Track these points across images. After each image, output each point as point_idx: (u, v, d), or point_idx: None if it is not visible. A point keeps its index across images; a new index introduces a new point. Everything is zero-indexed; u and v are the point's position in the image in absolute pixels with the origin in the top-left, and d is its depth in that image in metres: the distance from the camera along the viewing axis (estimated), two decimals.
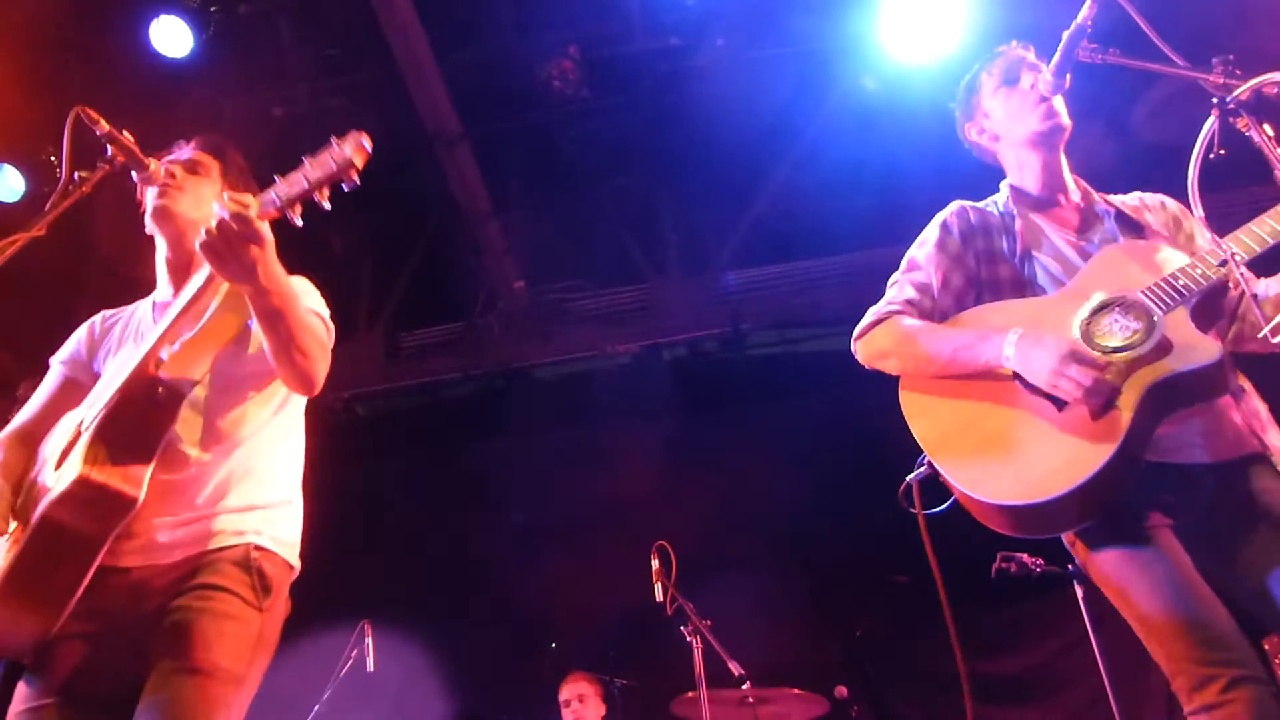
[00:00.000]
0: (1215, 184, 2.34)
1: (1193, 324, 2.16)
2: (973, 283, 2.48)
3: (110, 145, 2.23)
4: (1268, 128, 1.88)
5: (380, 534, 6.74)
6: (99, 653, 2.12)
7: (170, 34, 5.14)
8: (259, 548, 2.24)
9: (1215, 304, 2.28)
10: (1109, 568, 2.16)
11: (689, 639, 4.61)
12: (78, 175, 2.23)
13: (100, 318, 2.59)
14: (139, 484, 2.11)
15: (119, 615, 2.12)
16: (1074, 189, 2.57)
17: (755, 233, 6.43)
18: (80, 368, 2.50)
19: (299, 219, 2.00)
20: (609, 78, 5.80)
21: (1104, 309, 2.25)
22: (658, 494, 6.07)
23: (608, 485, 6.23)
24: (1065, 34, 2.21)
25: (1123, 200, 2.57)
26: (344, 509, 6.31)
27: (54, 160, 5.34)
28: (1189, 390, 2.16)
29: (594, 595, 5.90)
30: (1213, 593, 2.05)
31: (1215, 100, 1.90)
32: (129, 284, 2.63)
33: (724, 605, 4.84)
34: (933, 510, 2.36)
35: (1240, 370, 2.33)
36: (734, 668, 4.56)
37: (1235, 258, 2.09)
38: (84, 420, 2.22)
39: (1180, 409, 2.17)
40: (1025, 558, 3.81)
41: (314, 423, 2.55)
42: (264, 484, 2.33)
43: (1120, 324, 2.21)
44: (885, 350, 2.45)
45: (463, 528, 6.71)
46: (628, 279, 6.71)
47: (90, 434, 2.12)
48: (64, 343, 2.58)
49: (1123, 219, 2.48)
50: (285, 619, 2.31)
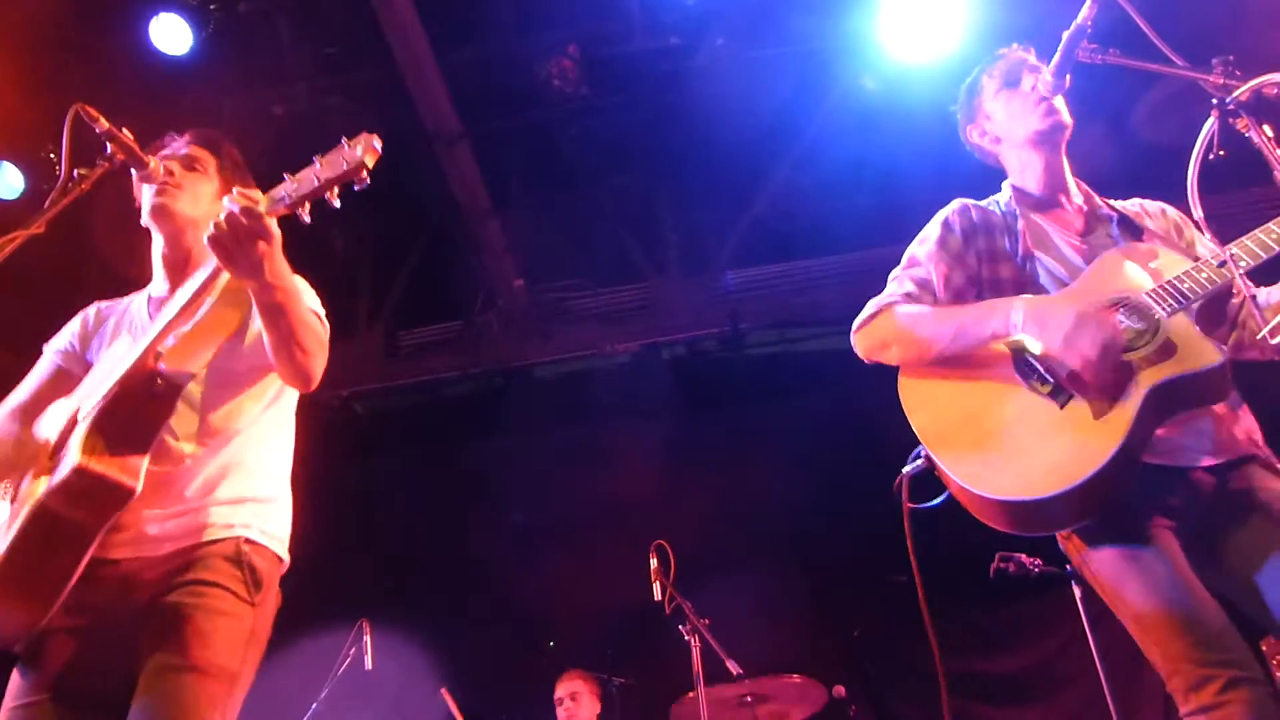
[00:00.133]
0: (1215, 185, 2.35)
1: (1196, 327, 2.17)
2: (973, 281, 2.47)
3: (110, 143, 2.23)
4: (1267, 129, 1.88)
5: (378, 532, 6.74)
6: (90, 648, 2.12)
7: (170, 32, 5.14)
8: (249, 541, 2.24)
9: (1218, 310, 2.29)
10: (1106, 567, 2.15)
11: (687, 638, 4.61)
12: (77, 173, 2.22)
13: (95, 308, 2.59)
14: (136, 474, 2.11)
15: (109, 608, 2.12)
16: (1076, 191, 2.57)
17: (755, 232, 6.43)
18: (73, 358, 2.49)
19: (308, 217, 1.99)
20: (609, 77, 5.79)
21: (1109, 308, 2.25)
22: (657, 493, 6.07)
23: (607, 484, 6.23)
24: (1065, 34, 2.20)
25: (1123, 206, 2.57)
26: (342, 507, 6.32)
27: (53, 158, 5.32)
28: (1191, 393, 2.16)
29: (592, 594, 5.89)
30: (1210, 594, 2.06)
31: (1215, 101, 1.90)
32: (127, 282, 2.62)
33: (722, 604, 4.84)
34: (925, 505, 2.35)
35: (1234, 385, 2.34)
36: (732, 667, 4.56)
37: (1234, 258, 2.10)
38: (80, 409, 2.21)
39: (1180, 412, 2.18)
40: (1024, 558, 3.81)
41: (313, 421, 2.55)
42: (254, 478, 2.33)
43: (1125, 324, 2.22)
44: (885, 340, 2.43)
45: (461, 526, 6.70)
46: (627, 278, 6.70)
47: (88, 424, 2.11)
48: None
49: (1125, 223, 2.48)
50: (276, 613, 2.31)
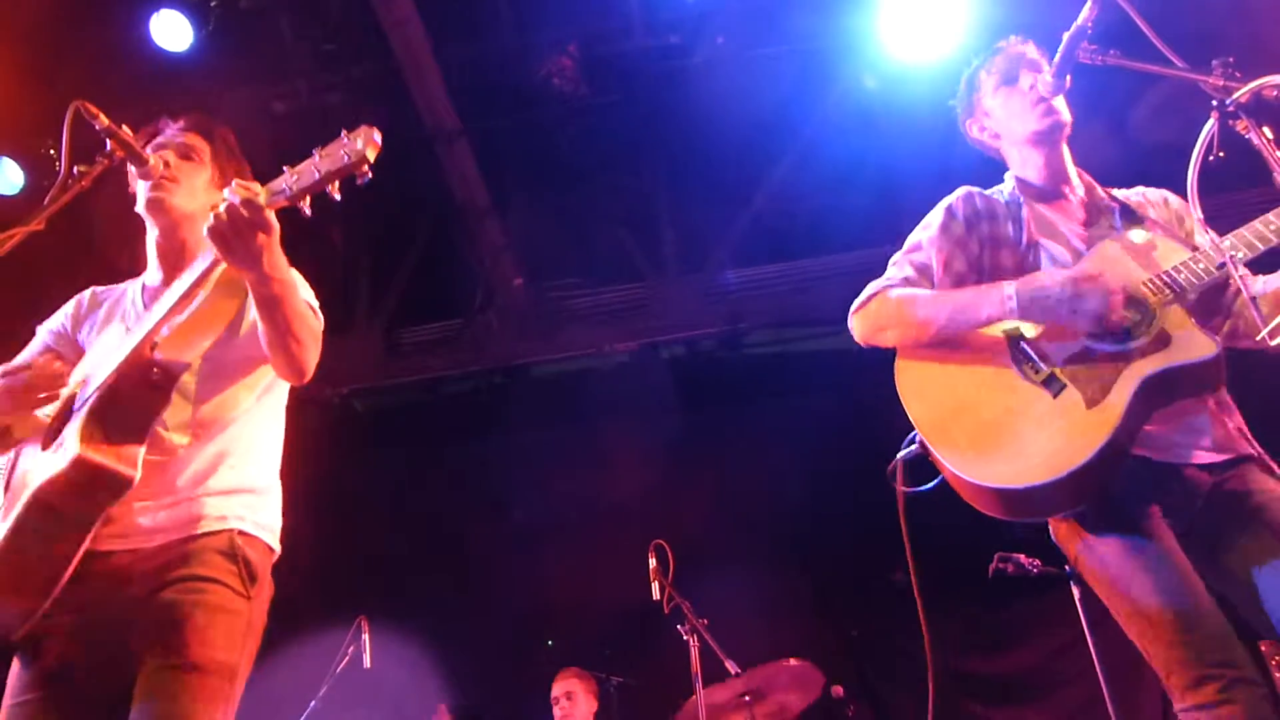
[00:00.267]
0: (1215, 186, 2.35)
1: (1191, 318, 2.17)
2: (974, 267, 2.48)
3: (109, 140, 2.23)
4: (1267, 130, 1.88)
5: (377, 530, 6.74)
6: (85, 644, 2.11)
7: (170, 28, 5.14)
8: (242, 533, 2.24)
9: (1214, 300, 2.29)
10: (1105, 564, 2.16)
11: (686, 637, 4.61)
12: (77, 170, 2.22)
13: (90, 293, 2.59)
14: (134, 463, 2.11)
15: (103, 602, 2.11)
16: (1078, 183, 2.57)
17: (754, 231, 6.42)
18: (64, 339, 2.49)
19: (309, 210, 1.98)
20: (608, 75, 5.79)
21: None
22: (655, 492, 6.07)
23: (605, 483, 6.23)
24: (1065, 35, 2.21)
25: (1126, 195, 2.57)
26: (341, 505, 6.32)
27: (53, 154, 5.33)
28: (1183, 384, 2.17)
29: (591, 593, 5.89)
30: (1209, 594, 2.06)
31: (1215, 103, 1.90)
32: (127, 279, 2.61)
33: (721, 604, 4.84)
34: (919, 489, 2.36)
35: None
36: (730, 666, 4.56)
37: (1234, 258, 2.09)
38: (76, 396, 2.21)
39: (1173, 402, 2.19)
40: (1023, 558, 3.81)
41: (312, 419, 2.55)
42: (247, 468, 2.33)
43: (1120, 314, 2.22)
44: (882, 323, 2.45)
45: (460, 525, 6.71)
46: (626, 277, 6.69)
47: (85, 413, 2.11)
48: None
49: (1127, 213, 2.48)
50: (271, 605, 2.30)
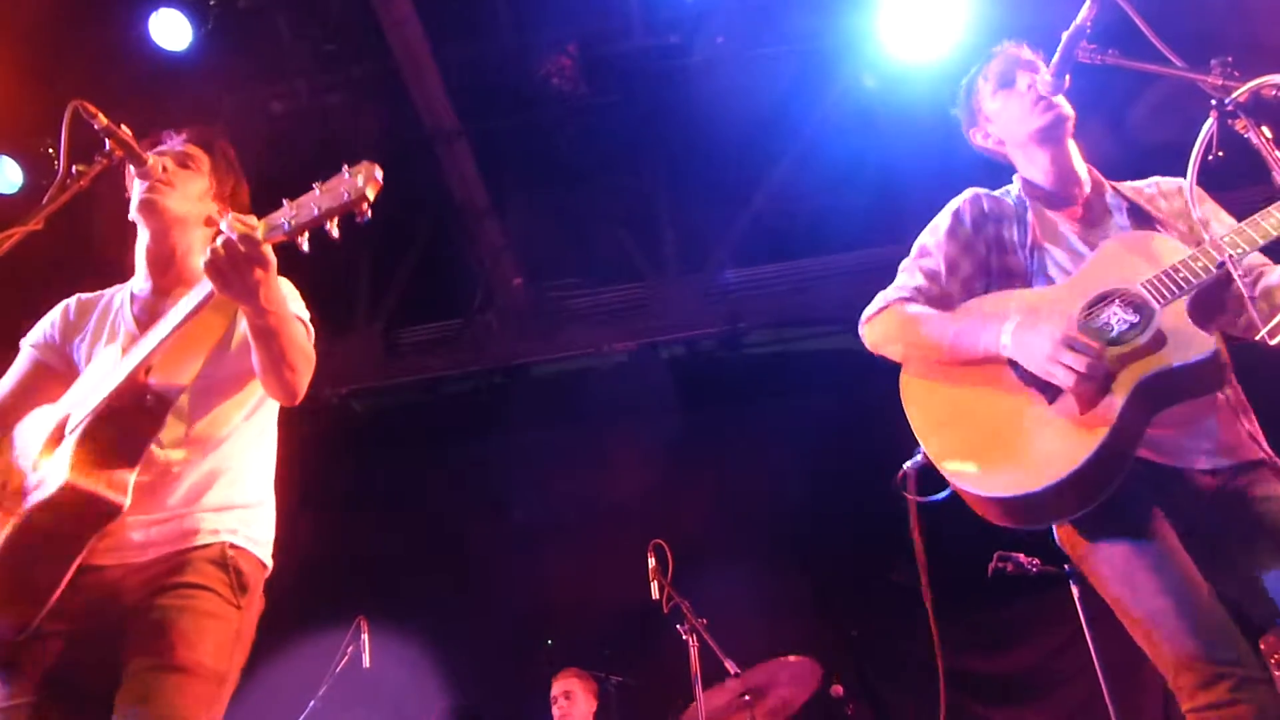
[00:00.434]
0: (1214, 185, 2.34)
1: (1189, 317, 2.15)
2: (983, 270, 2.49)
3: (108, 139, 2.22)
4: (1266, 130, 1.87)
5: (376, 530, 6.73)
6: (75, 651, 2.11)
7: (169, 27, 5.14)
8: (234, 546, 2.24)
9: (1217, 297, 2.25)
10: (1109, 566, 2.16)
11: (685, 637, 4.60)
12: (75, 169, 2.21)
13: (76, 300, 2.56)
14: (124, 490, 2.11)
15: (94, 613, 2.11)
16: (1086, 180, 2.54)
17: (753, 231, 6.42)
18: (51, 350, 2.47)
19: (306, 246, 1.94)
20: (607, 75, 5.79)
21: (1103, 301, 2.25)
22: (654, 492, 6.07)
23: (605, 483, 6.23)
24: (1065, 35, 2.20)
25: (1137, 188, 2.54)
26: (340, 505, 6.33)
27: (52, 153, 5.33)
28: (1182, 385, 2.16)
29: (591, 593, 5.89)
30: (1213, 593, 2.06)
31: (1214, 102, 1.89)
32: (124, 279, 2.60)
33: (720, 603, 4.83)
34: (929, 498, 2.37)
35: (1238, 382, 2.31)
36: (730, 666, 4.56)
37: (1233, 258, 2.09)
38: (69, 419, 2.20)
39: (1175, 403, 2.17)
40: (1022, 557, 3.81)
41: (312, 419, 2.55)
42: (240, 484, 2.33)
43: (1118, 316, 2.22)
44: (889, 336, 2.48)
45: (459, 525, 6.70)
46: (626, 277, 6.69)
47: (77, 438, 2.11)
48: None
49: (1135, 211, 2.46)
50: (261, 617, 2.31)
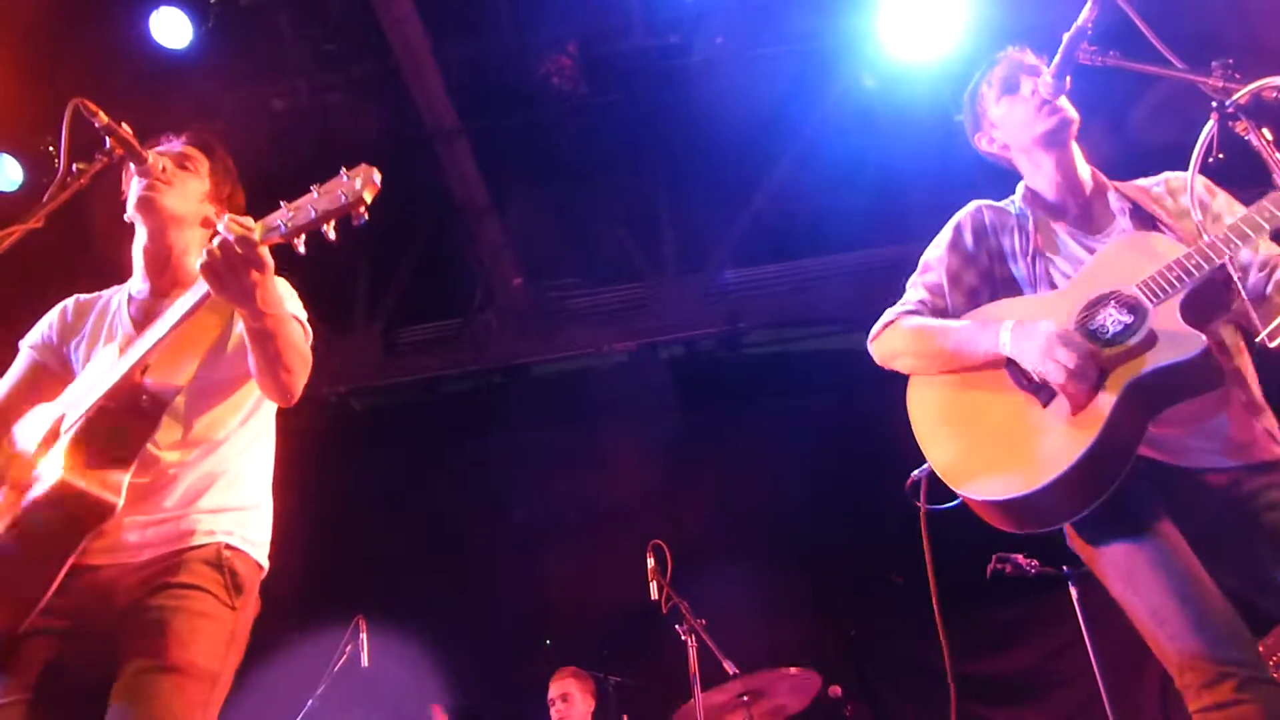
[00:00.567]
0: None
1: (1180, 316, 2.15)
2: (986, 281, 2.52)
3: (109, 138, 2.22)
4: (1266, 132, 1.87)
5: (375, 529, 6.73)
6: (69, 650, 2.11)
7: (170, 26, 5.14)
8: (230, 547, 2.24)
9: (1215, 294, 2.24)
10: (1115, 566, 2.16)
11: (684, 638, 4.60)
12: (76, 167, 2.21)
13: (73, 301, 2.56)
14: (118, 491, 2.11)
15: (88, 612, 2.11)
16: (1090, 182, 2.54)
17: (753, 231, 6.42)
18: (49, 351, 2.47)
19: (303, 248, 1.94)
20: (607, 74, 5.79)
21: (1100, 303, 2.25)
22: (654, 492, 6.07)
23: (604, 483, 6.23)
24: (1065, 36, 2.20)
25: (1143, 188, 2.53)
26: (339, 504, 6.32)
27: (52, 151, 5.33)
28: (1176, 384, 2.16)
29: (590, 593, 5.89)
30: (1220, 592, 2.05)
31: (1214, 104, 1.89)
32: (124, 278, 2.60)
33: (719, 604, 4.84)
34: (941, 506, 2.39)
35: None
36: (729, 666, 4.56)
37: (1231, 259, 2.09)
38: (64, 420, 2.20)
39: (1175, 402, 2.17)
40: (1020, 559, 3.81)
41: (311, 418, 2.55)
42: (237, 487, 2.33)
43: (1113, 318, 2.23)
44: (896, 350, 2.53)
45: (459, 524, 6.70)
46: (626, 277, 6.69)
47: (71, 438, 2.11)
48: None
49: (1138, 212, 2.45)
50: (258, 616, 2.31)
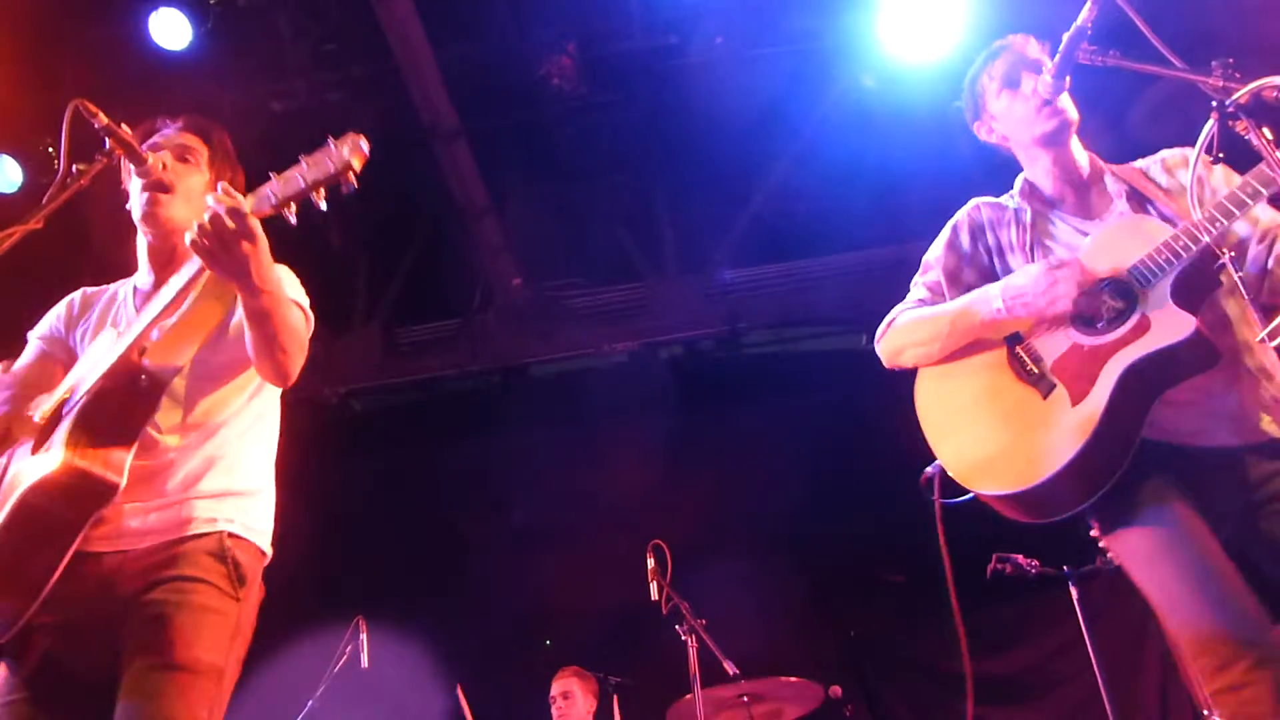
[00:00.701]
0: None
1: (1171, 298, 2.15)
2: (986, 277, 2.52)
3: (108, 138, 2.21)
4: (1267, 131, 1.87)
5: (376, 530, 6.73)
6: (72, 643, 2.10)
7: (169, 26, 5.13)
8: (232, 535, 2.23)
9: (1206, 273, 2.22)
10: (1130, 551, 2.17)
11: (684, 637, 4.60)
12: (75, 168, 2.21)
13: (81, 294, 2.57)
14: (120, 470, 2.10)
15: (91, 602, 2.11)
16: (1087, 168, 2.54)
17: (752, 231, 6.42)
18: (56, 342, 2.48)
19: (295, 219, 1.95)
20: (607, 74, 5.79)
21: (1093, 291, 2.26)
22: (654, 492, 6.07)
23: (604, 483, 6.23)
24: (1065, 36, 2.20)
25: (1140, 169, 2.52)
26: (339, 504, 6.31)
27: (52, 152, 5.33)
28: (1171, 368, 2.16)
29: (590, 593, 5.89)
30: (1239, 575, 2.05)
31: (1214, 103, 1.89)
32: (125, 277, 2.60)
33: (719, 604, 4.84)
34: (955, 500, 2.41)
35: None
36: (729, 667, 4.55)
37: (1232, 258, 2.08)
38: (66, 403, 2.20)
39: (1173, 384, 2.17)
40: (1020, 559, 3.81)
41: (311, 418, 2.54)
42: (238, 471, 2.32)
43: (1107, 304, 2.24)
44: (898, 346, 2.55)
45: (459, 524, 6.70)
46: (625, 277, 6.70)
47: (72, 419, 2.11)
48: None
49: (1134, 195, 2.45)
50: (262, 607, 2.30)
